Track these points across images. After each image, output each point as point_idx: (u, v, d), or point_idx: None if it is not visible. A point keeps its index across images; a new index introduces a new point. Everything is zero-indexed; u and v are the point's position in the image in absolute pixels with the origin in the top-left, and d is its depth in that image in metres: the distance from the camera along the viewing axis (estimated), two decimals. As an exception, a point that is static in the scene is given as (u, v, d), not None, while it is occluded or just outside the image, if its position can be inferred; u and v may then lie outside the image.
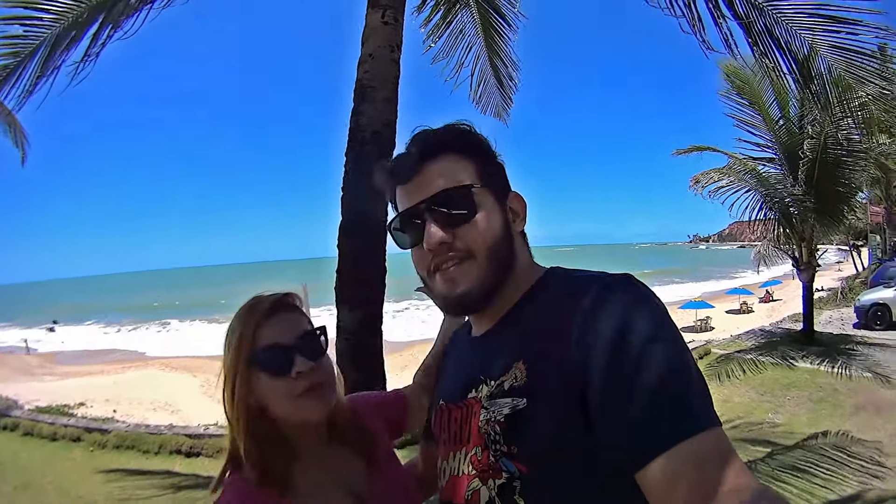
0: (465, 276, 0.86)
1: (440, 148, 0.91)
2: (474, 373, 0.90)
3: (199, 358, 21.95)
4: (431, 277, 0.90)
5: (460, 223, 0.86)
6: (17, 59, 2.98)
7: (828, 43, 2.92)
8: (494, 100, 5.43)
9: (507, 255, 0.89)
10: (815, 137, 9.43)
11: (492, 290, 0.87)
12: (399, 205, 0.93)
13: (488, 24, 4.83)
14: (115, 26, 2.98)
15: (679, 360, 0.70)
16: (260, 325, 0.99)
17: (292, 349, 0.98)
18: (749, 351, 10.39)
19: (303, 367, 0.97)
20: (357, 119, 2.77)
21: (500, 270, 0.88)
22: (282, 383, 0.97)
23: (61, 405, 12.42)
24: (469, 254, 0.86)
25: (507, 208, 0.94)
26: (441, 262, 0.87)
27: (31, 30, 2.94)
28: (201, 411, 12.06)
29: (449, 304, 0.91)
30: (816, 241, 11.17)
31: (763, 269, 18.05)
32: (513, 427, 0.79)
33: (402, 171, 0.92)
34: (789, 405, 7.92)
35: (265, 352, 0.98)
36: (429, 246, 0.86)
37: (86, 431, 9.31)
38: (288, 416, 0.99)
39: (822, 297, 18.99)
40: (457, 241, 0.86)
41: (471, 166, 0.91)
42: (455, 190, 0.87)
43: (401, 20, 2.93)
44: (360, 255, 2.63)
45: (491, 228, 0.88)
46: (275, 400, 0.98)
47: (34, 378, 19.31)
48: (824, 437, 3.30)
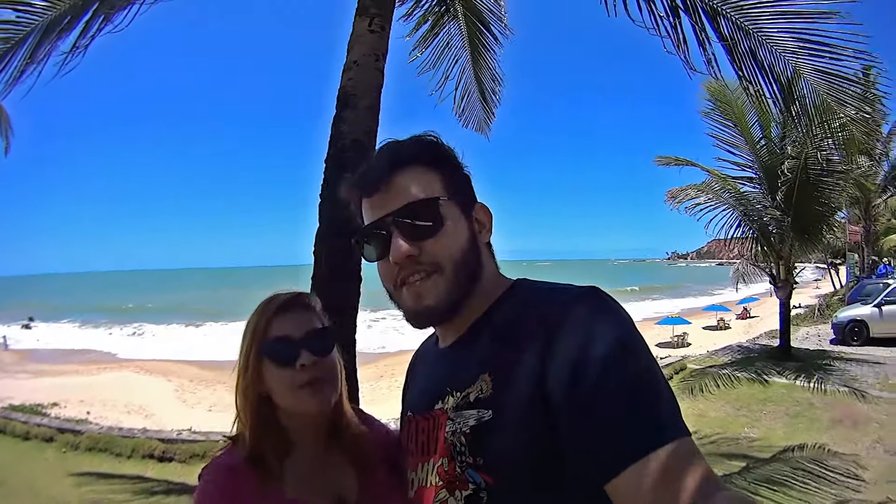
0: (431, 289, 0.86)
1: (406, 160, 0.90)
2: (441, 384, 0.90)
3: (174, 362, 21.90)
4: (398, 291, 0.90)
5: (427, 236, 0.86)
6: (7, 46, 2.94)
7: (811, 66, 2.99)
8: (477, 113, 5.43)
9: (474, 267, 0.90)
10: (796, 157, 9.61)
11: (458, 302, 0.88)
12: (365, 217, 0.93)
13: (475, 37, 4.84)
14: (106, 18, 2.94)
15: (646, 371, 0.70)
16: (272, 319, 1.06)
17: (299, 343, 1.04)
18: (725, 366, 10.51)
19: (307, 361, 1.02)
20: (339, 126, 2.76)
21: (466, 283, 0.88)
22: (286, 374, 1.03)
23: (35, 404, 12.29)
24: (436, 267, 0.86)
25: (474, 219, 0.94)
26: (407, 276, 0.87)
27: (23, 16, 2.89)
28: (175, 416, 12.24)
29: (415, 318, 0.90)
30: (794, 259, 11.36)
31: (742, 287, 18.32)
32: (478, 438, 0.79)
33: (368, 184, 0.91)
34: (765, 419, 8.02)
35: (274, 343, 1.04)
36: (395, 259, 0.85)
37: (59, 432, 9.15)
38: (288, 406, 1.05)
39: (799, 313, 19.34)
40: (423, 254, 0.85)
41: (437, 178, 0.91)
42: (421, 203, 0.87)
43: (387, 29, 2.94)
44: (335, 262, 2.62)
45: (457, 241, 0.88)
46: (278, 389, 1.04)
47: (8, 375, 19.04)
48: (801, 450, 3.33)
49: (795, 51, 2.98)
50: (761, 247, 10.95)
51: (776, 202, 10.30)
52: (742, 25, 3.07)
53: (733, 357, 11.96)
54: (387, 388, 2.72)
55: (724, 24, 3.09)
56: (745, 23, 3.05)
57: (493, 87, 5.31)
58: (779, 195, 10.19)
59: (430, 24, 4.69)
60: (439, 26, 4.73)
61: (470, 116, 5.43)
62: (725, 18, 3.07)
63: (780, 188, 10.07)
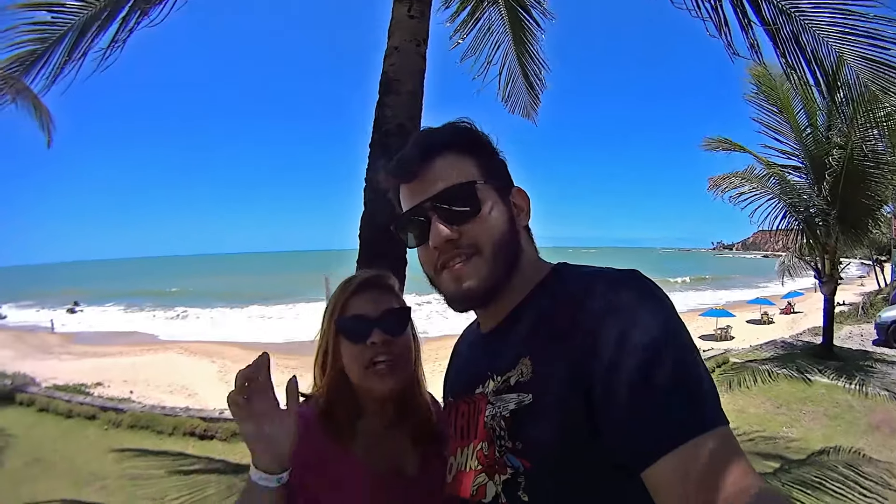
0: (472, 272, 0.86)
1: (442, 146, 0.91)
2: (482, 368, 0.90)
3: (218, 343, 22.22)
4: (438, 275, 0.90)
5: (465, 220, 0.87)
6: (45, 45, 3.05)
7: (855, 53, 2.85)
8: (523, 99, 5.35)
9: (513, 250, 0.90)
10: (842, 147, 9.21)
11: (498, 284, 0.87)
12: (403, 203, 0.94)
13: (516, 22, 4.78)
14: (142, 13, 3.03)
15: (687, 359, 0.69)
16: (350, 298, 1.12)
17: (373, 321, 1.09)
18: (766, 362, 10.23)
19: (378, 339, 1.07)
20: (382, 111, 2.77)
21: (506, 265, 0.88)
22: (357, 350, 1.08)
23: (78, 384, 12.64)
24: (475, 249, 0.86)
25: (511, 203, 0.94)
26: (448, 260, 0.88)
27: (58, 16, 3.00)
28: (218, 396, 12.03)
29: (456, 301, 0.90)
30: (840, 254, 10.94)
31: (787, 281, 17.75)
32: (517, 423, 0.79)
33: (405, 170, 0.91)
34: (805, 419, 7.78)
35: (349, 320, 1.10)
36: (434, 244, 0.86)
37: (101, 410, 9.44)
38: (358, 382, 1.10)
39: (843, 311, 18.62)
40: (462, 237, 0.86)
41: (473, 163, 0.91)
42: (458, 187, 0.87)
43: (427, 14, 2.92)
44: (380, 246, 2.64)
45: (496, 224, 0.88)
46: (350, 366, 1.10)
47: (53, 357, 19.64)
48: (836, 453, 3.24)
49: (839, 36, 2.84)
50: (807, 239, 10.56)
51: (822, 193, 9.90)
52: (784, 9, 2.95)
53: (776, 353, 11.68)
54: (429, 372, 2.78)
55: (766, 8, 2.97)
56: (787, 6, 2.94)
57: (537, 72, 5.21)
58: (824, 185, 9.79)
59: (469, 9, 4.66)
60: (480, 11, 4.69)
61: (516, 102, 5.36)
62: (767, 1, 2.96)
63: (827, 178, 9.68)
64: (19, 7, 2.97)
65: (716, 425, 0.64)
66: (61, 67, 3.07)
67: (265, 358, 0.89)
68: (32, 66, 3.10)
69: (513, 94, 5.30)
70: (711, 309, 23.82)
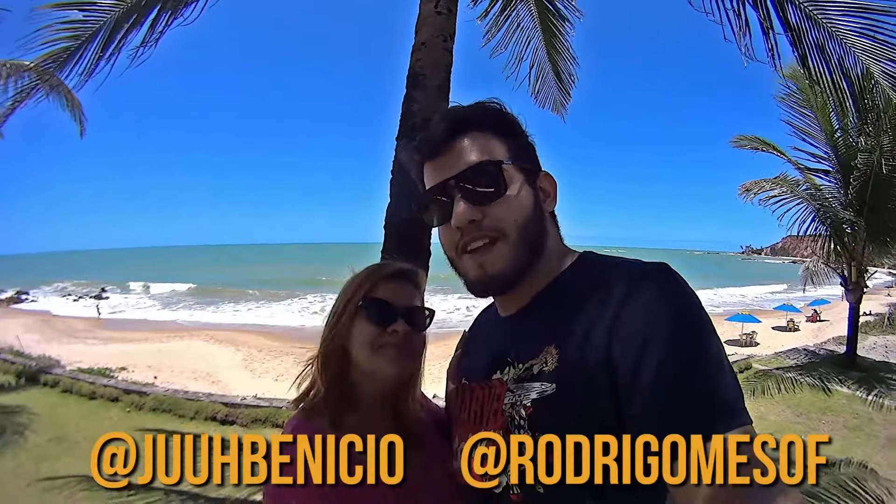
0: (496, 258, 0.83)
1: (469, 124, 0.88)
2: (501, 354, 0.87)
3: (244, 331, 22.27)
4: (460, 257, 0.87)
5: (489, 200, 0.83)
6: (78, 42, 3.18)
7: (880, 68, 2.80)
8: (553, 94, 5.37)
9: (538, 234, 0.87)
10: (870, 152, 8.94)
11: (522, 270, 0.84)
12: (427, 181, 0.90)
13: (546, 18, 4.80)
14: (173, 14, 3.13)
15: (715, 356, 0.68)
16: (379, 282, 1.08)
17: (399, 310, 1.06)
18: (790, 369, 10.08)
19: (400, 328, 1.05)
20: (409, 105, 2.81)
21: (530, 251, 0.85)
22: (374, 331, 1.05)
23: (103, 368, 12.85)
24: (499, 233, 0.83)
25: (538, 187, 0.90)
26: (470, 241, 0.84)
27: (90, 14, 3.12)
28: (241, 383, 12.37)
29: (478, 287, 0.88)
30: (867, 262, 10.66)
31: (811, 287, 17.34)
32: (539, 412, 0.77)
33: (431, 147, 0.88)
34: (823, 429, 7.67)
35: (376, 302, 1.07)
36: (457, 223, 0.83)
37: (124, 393, 9.68)
38: (363, 363, 1.06)
39: (868, 321, 18.18)
40: (486, 219, 0.83)
41: (500, 143, 0.87)
42: (485, 166, 0.84)
43: (454, 10, 2.95)
44: (404, 238, 2.68)
45: (521, 207, 0.85)
46: (359, 345, 1.06)
47: (78, 341, 19.94)
48: (847, 466, 3.19)
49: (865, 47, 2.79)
50: (834, 245, 10.31)
51: (850, 198, 9.66)
52: (811, 14, 2.91)
53: (799, 360, 11.48)
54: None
55: (791, 11, 2.93)
56: (815, 12, 2.89)
57: (568, 68, 5.23)
58: (851, 191, 9.55)
59: (499, 5, 4.69)
60: (510, 8, 4.72)
61: (546, 97, 5.38)
62: (793, 6, 2.92)
63: (854, 184, 9.44)
64: (52, 7, 3.09)
65: (740, 423, 0.63)
66: (95, 63, 3.19)
67: None
68: (67, 63, 3.23)
69: (542, 89, 5.32)
70: (737, 314, 23.43)
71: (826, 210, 9.98)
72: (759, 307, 31.96)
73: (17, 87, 4.00)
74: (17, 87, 4.02)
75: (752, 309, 28.85)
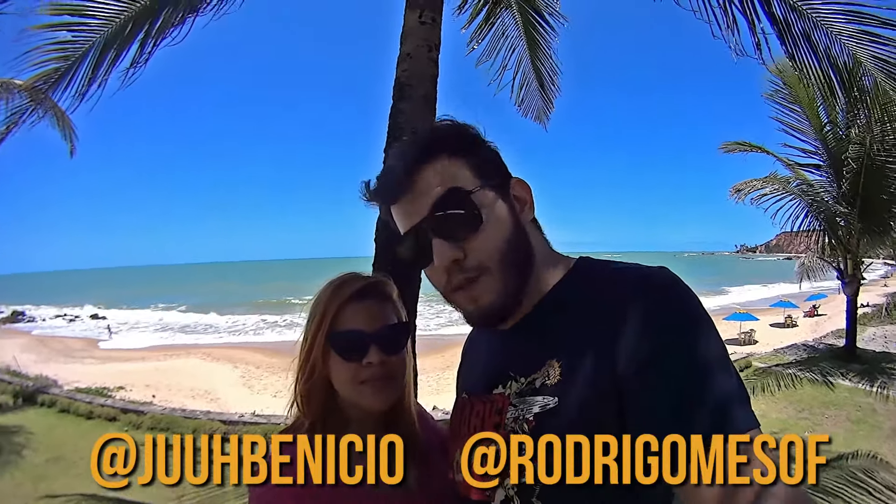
0: (485, 290, 0.81)
1: (426, 154, 0.83)
2: (502, 367, 0.86)
3: (241, 349, 22.43)
4: (451, 294, 0.85)
5: (468, 234, 0.80)
6: (68, 63, 3.20)
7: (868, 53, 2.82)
8: (536, 103, 5.40)
9: (524, 252, 0.84)
10: (860, 144, 9.00)
11: (515, 293, 0.83)
12: (399, 224, 0.86)
13: (530, 26, 4.82)
14: (159, 35, 3.17)
15: (716, 358, 0.68)
16: (344, 306, 0.99)
17: (370, 337, 0.98)
18: (790, 366, 10.08)
19: (374, 359, 0.98)
20: (396, 117, 2.83)
21: (519, 274, 0.83)
22: (351, 367, 0.98)
23: (100, 387, 12.86)
24: (481, 269, 0.80)
25: (512, 199, 0.86)
26: (458, 284, 0.82)
27: (78, 35, 3.15)
28: (240, 401, 12.30)
29: (475, 319, 0.86)
30: (862, 254, 10.71)
31: (806, 282, 17.42)
32: (541, 426, 0.76)
33: (391, 190, 0.85)
34: (827, 424, 7.66)
35: (344, 335, 0.99)
36: (440, 265, 0.80)
37: (122, 412, 9.65)
38: (347, 397, 1.01)
39: (866, 312, 18.29)
40: (468, 257, 0.80)
41: (462, 165, 0.83)
42: (452, 200, 0.80)
43: (438, 21, 2.97)
44: (395, 250, 2.67)
45: (501, 230, 0.82)
46: (339, 380, 1.00)
47: (76, 361, 19.93)
48: (854, 458, 3.18)
49: (852, 32, 2.81)
50: (829, 239, 10.36)
51: (842, 190, 9.70)
52: (796, 6, 2.93)
53: (798, 356, 11.44)
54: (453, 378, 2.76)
55: (777, 5, 2.95)
56: (799, 3, 2.92)
57: (551, 77, 5.27)
58: (843, 183, 9.59)
59: (484, 14, 4.71)
60: (494, 16, 4.74)
61: (529, 106, 5.40)
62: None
63: (846, 176, 9.47)
64: (42, 28, 3.12)
65: (748, 427, 0.63)
66: (87, 84, 3.22)
67: None
68: (59, 83, 3.25)
69: (526, 98, 5.35)
70: (735, 313, 23.54)
71: (819, 205, 10.02)
72: (755, 304, 32.17)
73: (10, 108, 3.99)
74: (10, 107, 4.01)
75: (749, 307, 29.02)
